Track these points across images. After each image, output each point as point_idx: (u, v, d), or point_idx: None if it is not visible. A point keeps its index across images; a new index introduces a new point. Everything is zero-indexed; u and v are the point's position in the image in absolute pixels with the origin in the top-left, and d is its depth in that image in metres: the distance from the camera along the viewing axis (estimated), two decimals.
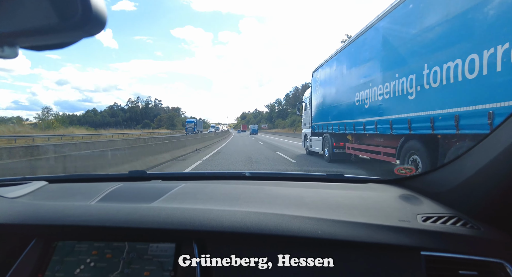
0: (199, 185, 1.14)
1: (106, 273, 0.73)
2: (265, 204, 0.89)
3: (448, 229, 0.74)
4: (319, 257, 0.70)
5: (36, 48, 0.35)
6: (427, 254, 0.69)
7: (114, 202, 0.92)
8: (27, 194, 1.03)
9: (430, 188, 0.96)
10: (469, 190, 0.78)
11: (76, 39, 0.34)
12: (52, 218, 0.81)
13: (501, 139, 0.68)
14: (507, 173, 0.66)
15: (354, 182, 1.25)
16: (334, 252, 0.72)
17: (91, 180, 1.35)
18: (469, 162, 0.79)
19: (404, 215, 0.80)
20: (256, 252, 0.73)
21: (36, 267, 0.75)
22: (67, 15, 0.30)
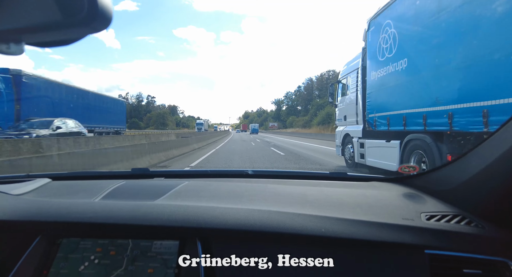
0: (202, 183, 1.15)
1: (110, 270, 0.73)
2: (268, 202, 0.89)
3: (452, 227, 0.73)
4: (320, 257, 0.70)
5: (41, 44, 0.35)
6: (431, 252, 0.69)
7: (118, 199, 0.92)
8: (31, 191, 1.04)
9: (434, 186, 0.95)
10: (474, 189, 0.78)
11: (82, 36, 0.34)
12: (56, 215, 0.82)
13: (507, 137, 0.68)
14: (511, 172, 0.65)
15: (357, 180, 1.24)
16: (337, 250, 0.72)
17: (95, 177, 1.35)
18: (474, 160, 0.79)
19: (407, 213, 0.80)
20: (260, 250, 0.73)
21: (40, 264, 0.76)
22: (73, 12, 0.30)
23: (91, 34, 0.33)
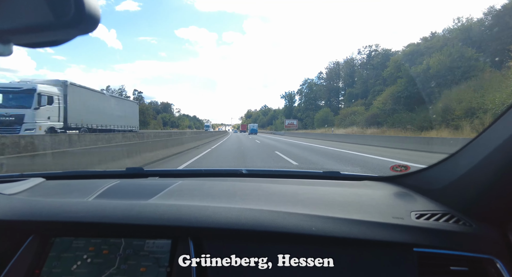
0: (196, 182, 1.15)
1: (103, 269, 0.73)
2: (261, 201, 0.90)
3: (441, 226, 0.75)
4: (310, 255, 0.71)
5: (30, 45, 0.35)
6: (419, 250, 0.70)
7: (111, 198, 0.92)
8: (25, 191, 1.03)
9: (424, 185, 0.97)
10: (462, 188, 0.79)
11: (70, 37, 0.34)
12: (49, 214, 0.81)
13: (493, 138, 0.69)
14: (498, 171, 0.67)
15: (350, 180, 1.26)
16: (327, 248, 0.73)
17: (89, 177, 1.35)
18: (462, 160, 0.80)
19: (398, 212, 0.81)
20: (251, 248, 0.74)
21: (33, 263, 0.76)
22: (61, 13, 0.30)
23: (79, 35, 0.33)
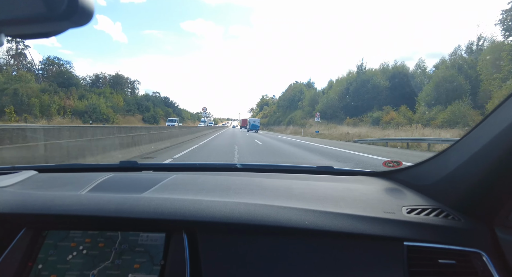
0: (190, 176, 1.15)
1: (98, 261, 0.74)
2: (255, 195, 0.91)
3: (431, 220, 0.76)
4: (304, 248, 0.72)
5: (22, 36, 0.35)
6: (409, 244, 0.72)
7: (105, 192, 0.92)
8: (17, 183, 1.02)
9: (416, 181, 0.99)
10: (452, 184, 0.81)
11: (63, 29, 0.33)
12: (41, 207, 0.81)
13: (482, 134, 0.71)
14: (486, 168, 0.69)
15: (343, 175, 1.27)
16: (319, 241, 0.74)
17: (82, 170, 1.33)
18: (452, 157, 0.82)
19: (389, 207, 0.83)
20: (245, 242, 0.75)
21: (25, 256, 0.75)
22: (54, 5, 0.29)
23: (72, 28, 0.32)
